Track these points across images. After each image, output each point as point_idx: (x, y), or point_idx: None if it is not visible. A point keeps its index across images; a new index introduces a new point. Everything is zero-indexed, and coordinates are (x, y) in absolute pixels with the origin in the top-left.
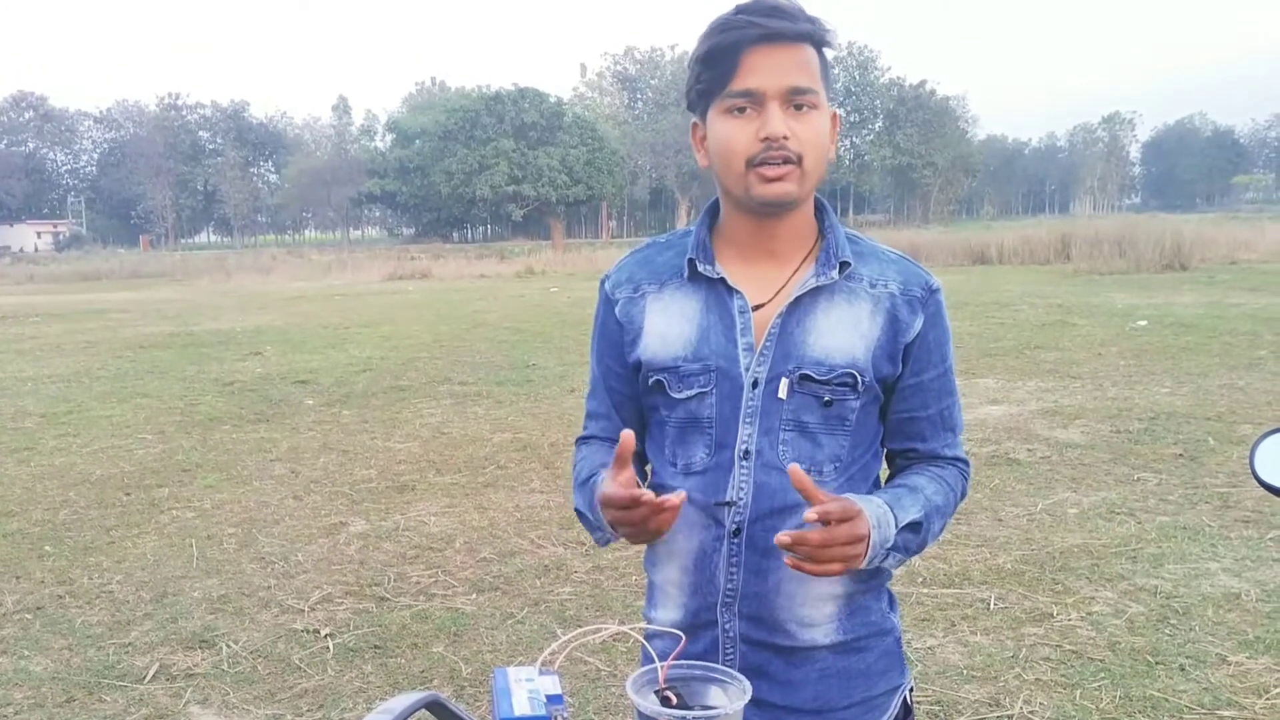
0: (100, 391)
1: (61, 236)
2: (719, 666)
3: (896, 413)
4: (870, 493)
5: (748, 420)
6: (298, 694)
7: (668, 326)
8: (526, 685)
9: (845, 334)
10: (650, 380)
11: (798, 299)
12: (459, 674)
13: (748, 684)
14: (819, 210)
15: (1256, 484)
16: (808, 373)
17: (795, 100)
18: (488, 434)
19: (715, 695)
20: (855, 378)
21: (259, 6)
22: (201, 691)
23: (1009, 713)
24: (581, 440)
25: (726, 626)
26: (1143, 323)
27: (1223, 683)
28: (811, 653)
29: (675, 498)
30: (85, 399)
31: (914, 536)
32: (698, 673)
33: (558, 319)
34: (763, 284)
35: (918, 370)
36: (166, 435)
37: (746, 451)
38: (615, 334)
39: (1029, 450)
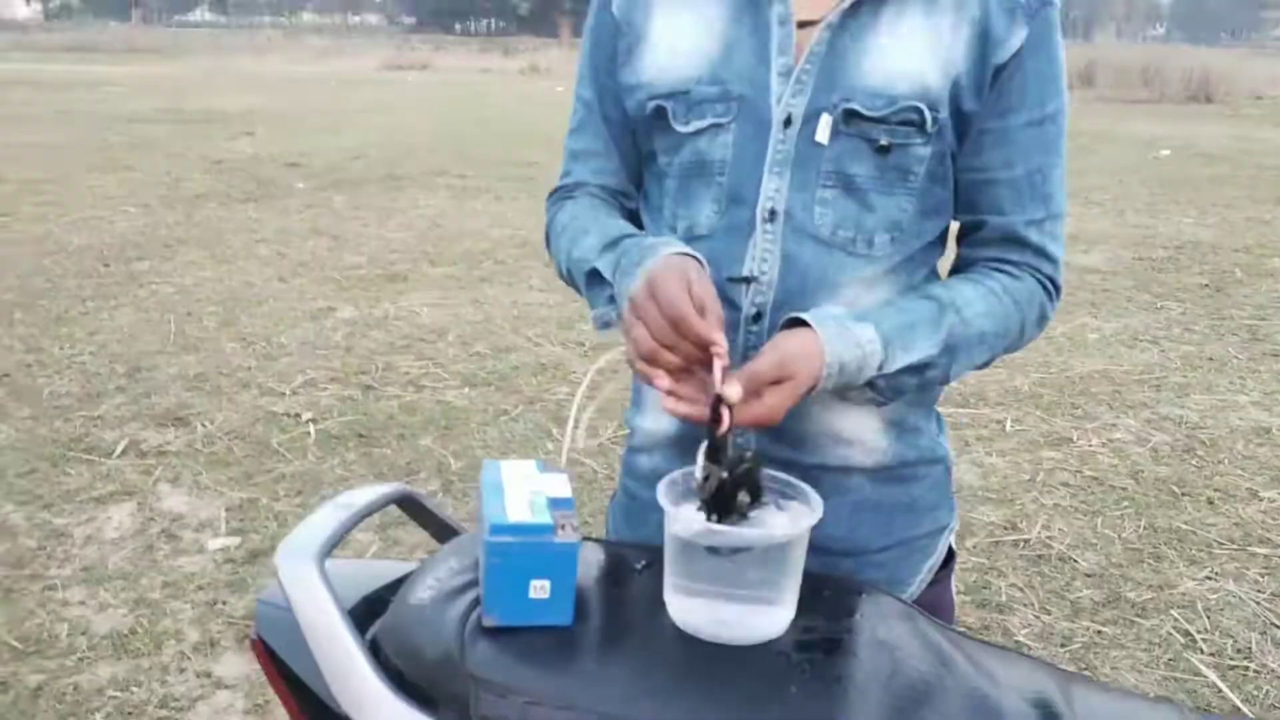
0: (84, 163)
1: (51, 4)
2: (778, 474)
3: (968, 170)
4: (917, 288)
5: (775, 170)
6: (275, 478)
7: (679, 36)
8: (526, 485)
9: (916, 53)
10: (649, 107)
11: (854, 6)
12: (447, 467)
13: (816, 499)
14: None
15: None
16: (857, 108)
17: None
18: (486, 228)
19: (771, 515)
20: (923, 115)
21: None
22: (173, 470)
23: (1025, 536)
24: (563, 193)
25: (740, 439)
26: (1166, 152)
27: (1254, 518)
28: (845, 478)
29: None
30: (68, 169)
31: (913, 378)
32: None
33: (563, 119)
34: None
35: (1004, 109)
36: (150, 209)
37: (772, 212)
38: (612, 40)
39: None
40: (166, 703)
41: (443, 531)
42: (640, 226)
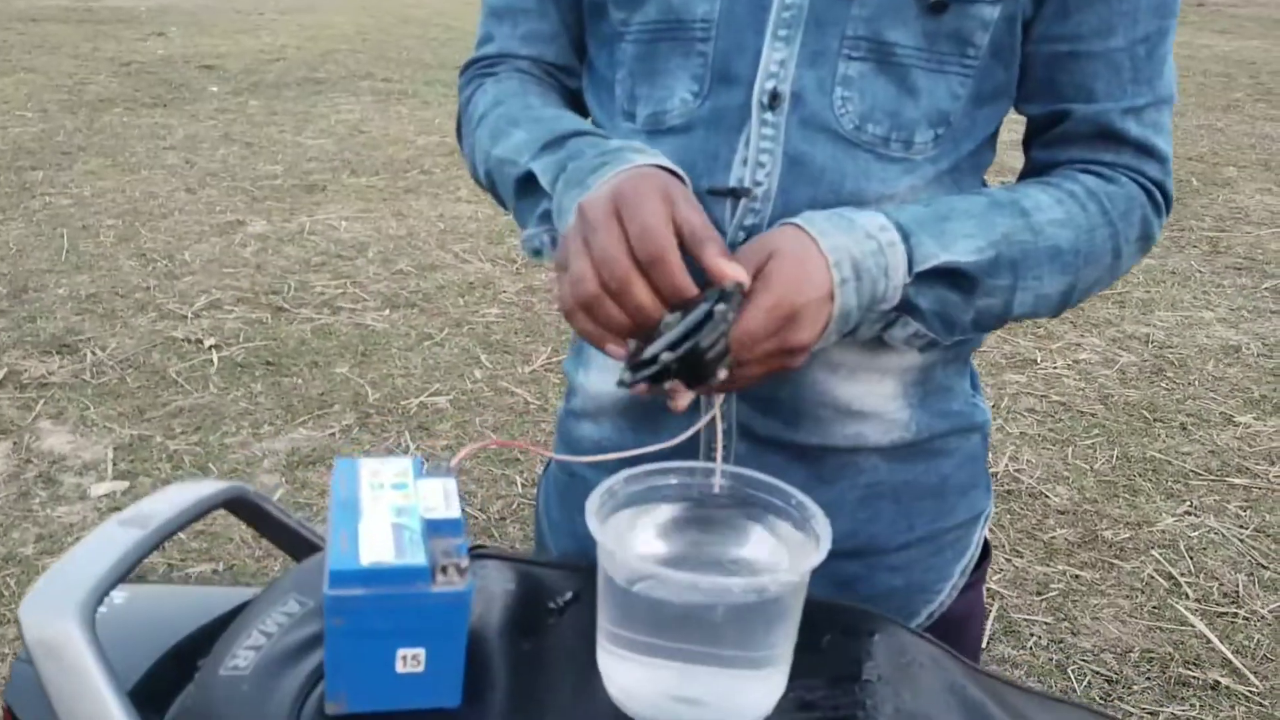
0: None
1: None
2: (766, 479)
3: (1048, 40)
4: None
5: (781, 34)
6: (171, 413)
7: None
8: (392, 499)
9: None
10: None
11: None
12: (364, 399)
13: (823, 522)
14: None
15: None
16: None
17: None
18: (412, 135)
19: (757, 540)
20: None
21: None
22: (56, 404)
23: (993, 470)
24: (482, 67)
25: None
26: None
27: (1230, 445)
28: (854, 458)
29: None
30: None
31: (962, 297)
32: (724, 487)
33: None
34: None
35: None
36: (49, 115)
37: (775, 95)
38: None
39: (1000, 181)
40: None
41: (294, 544)
42: (584, 114)
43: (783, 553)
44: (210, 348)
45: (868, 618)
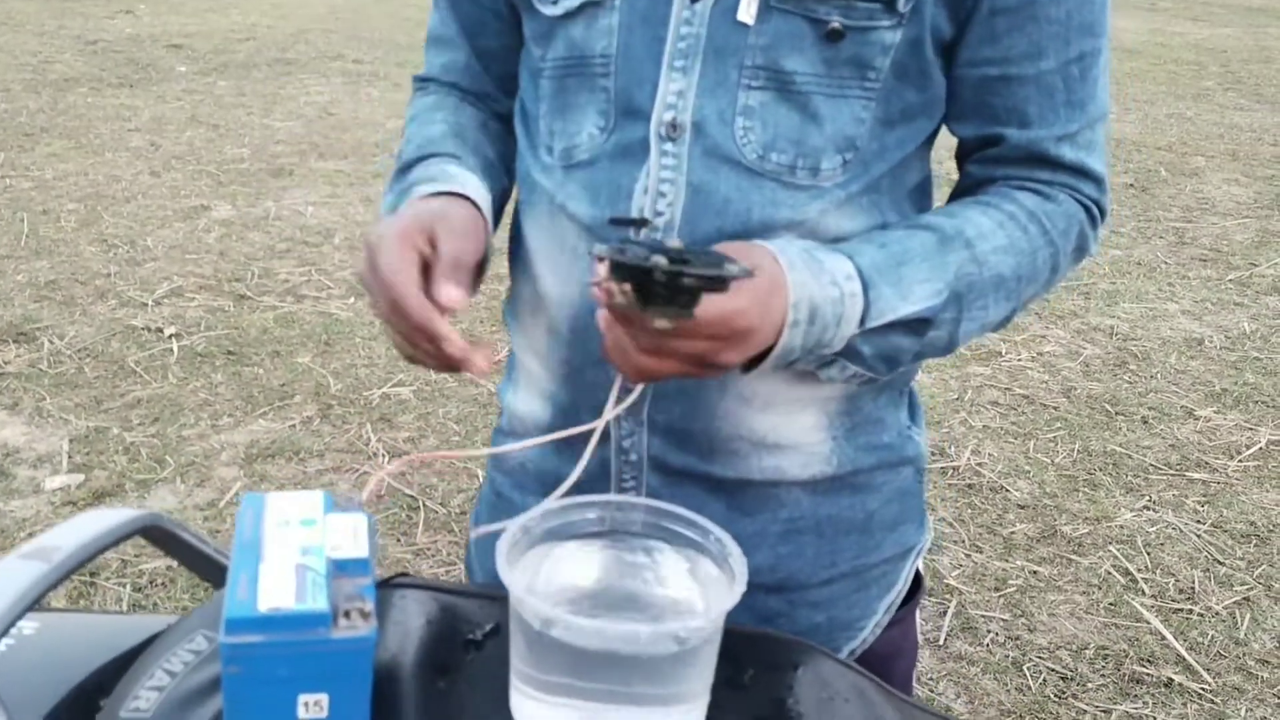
0: None
1: None
2: (683, 511)
3: (975, 64)
4: (892, 227)
5: (678, 65)
6: (129, 403)
7: None
8: (297, 538)
9: None
10: None
11: None
12: (326, 390)
13: (739, 560)
14: None
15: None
16: None
17: None
18: (382, 119)
19: (675, 576)
20: None
21: None
22: (12, 394)
23: (955, 463)
24: (420, 85)
25: (625, 442)
26: None
27: (1190, 439)
28: (774, 491)
29: (481, 360)
30: None
31: (912, 339)
32: (635, 519)
33: None
34: None
35: None
36: (11, 94)
37: (674, 124)
38: None
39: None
40: None
41: (212, 572)
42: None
43: (699, 590)
44: (170, 336)
45: (792, 649)
